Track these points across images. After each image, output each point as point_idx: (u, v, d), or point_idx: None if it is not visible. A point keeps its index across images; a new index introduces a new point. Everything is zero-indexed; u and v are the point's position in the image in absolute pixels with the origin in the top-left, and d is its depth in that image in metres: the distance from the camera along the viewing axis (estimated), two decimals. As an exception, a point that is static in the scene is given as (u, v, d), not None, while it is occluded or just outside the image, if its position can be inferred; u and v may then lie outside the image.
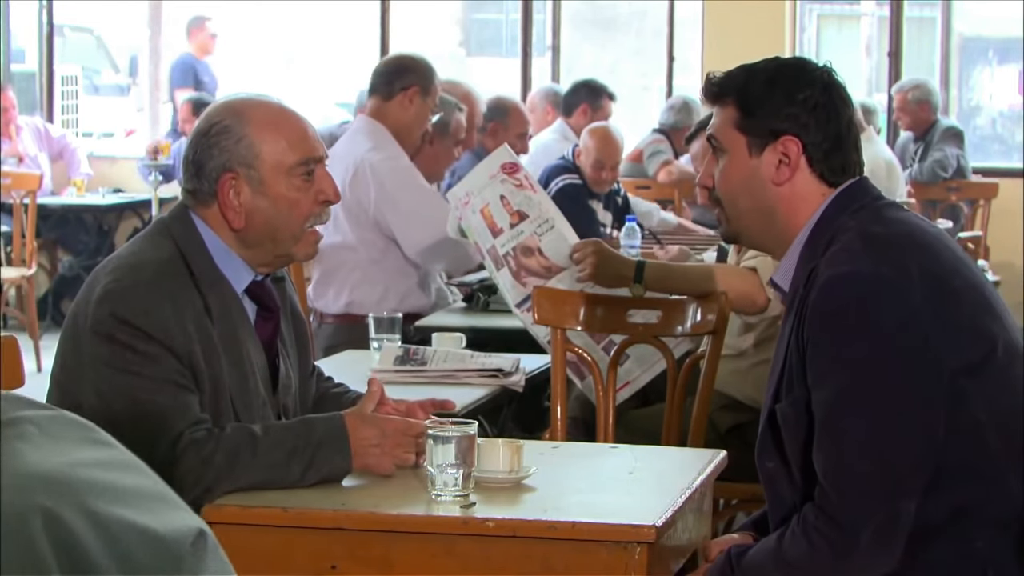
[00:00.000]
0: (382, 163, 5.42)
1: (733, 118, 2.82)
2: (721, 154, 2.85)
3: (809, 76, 2.81)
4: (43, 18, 11.58)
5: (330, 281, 5.52)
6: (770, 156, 2.79)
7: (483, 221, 4.59)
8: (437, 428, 2.82)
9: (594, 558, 2.67)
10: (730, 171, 2.83)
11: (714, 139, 2.86)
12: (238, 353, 2.98)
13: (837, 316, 2.63)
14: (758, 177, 2.80)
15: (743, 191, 2.82)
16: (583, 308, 4.26)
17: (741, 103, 2.81)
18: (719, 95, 2.86)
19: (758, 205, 2.81)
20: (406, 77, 5.59)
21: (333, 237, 5.41)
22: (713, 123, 2.86)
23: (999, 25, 14.44)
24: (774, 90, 2.80)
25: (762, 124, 2.79)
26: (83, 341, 2.91)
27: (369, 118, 5.61)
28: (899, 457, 2.59)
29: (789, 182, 2.78)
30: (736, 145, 2.82)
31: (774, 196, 2.79)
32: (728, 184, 2.84)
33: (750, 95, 2.81)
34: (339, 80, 15.24)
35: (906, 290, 2.61)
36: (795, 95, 2.78)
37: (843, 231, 2.71)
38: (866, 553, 2.60)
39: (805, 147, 2.77)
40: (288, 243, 3.03)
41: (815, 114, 2.77)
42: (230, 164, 2.99)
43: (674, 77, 11.77)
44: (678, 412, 4.19)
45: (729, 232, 2.90)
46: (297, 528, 2.76)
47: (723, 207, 2.86)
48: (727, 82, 2.86)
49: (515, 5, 12.64)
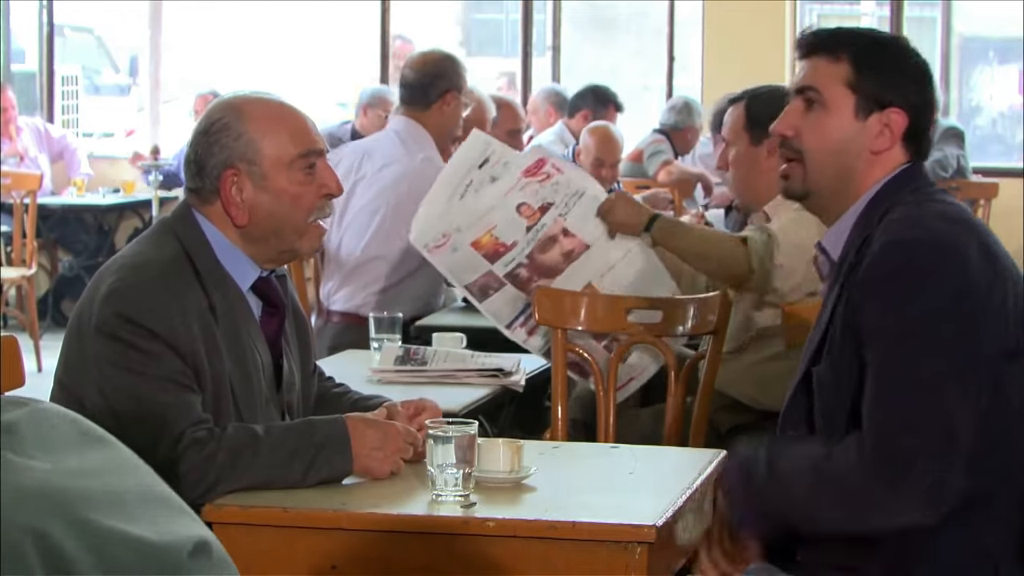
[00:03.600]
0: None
1: (845, 75, 2.77)
2: (819, 107, 2.79)
3: (918, 56, 2.81)
4: (43, 18, 11.57)
5: (347, 283, 5.52)
6: (875, 122, 2.77)
7: (474, 253, 4.50)
8: (437, 428, 2.82)
9: (594, 558, 2.67)
10: (828, 127, 2.78)
11: (814, 91, 2.79)
12: (242, 351, 2.98)
13: (897, 276, 2.62)
14: (857, 140, 2.77)
15: (837, 150, 2.78)
16: (583, 308, 4.26)
17: (858, 62, 2.77)
18: (830, 48, 2.78)
19: (846, 165, 2.78)
20: (440, 84, 5.54)
21: (358, 243, 5.43)
22: (814, 75, 2.79)
23: (999, 25, 14.43)
24: (897, 60, 2.78)
25: (875, 89, 2.76)
26: (87, 340, 2.92)
27: (410, 120, 5.57)
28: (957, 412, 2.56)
29: (884, 153, 2.77)
30: (842, 103, 2.77)
31: (864, 162, 2.77)
32: (822, 139, 2.78)
33: (871, 57, 2.77)
34: (339, 80, 15.23)
35: (964, 262, 2.62)
36: (909, 70, 2.78)
37: (902, 204, 2.71)
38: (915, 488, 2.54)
39: (908, 124, 2.77)
40: (292, 237, 3.03)
41: (922, 91, 2.78)
42: (231, 160, 3.00)
43: (674, 77, 11.77)
44: (678, 412, 4.19)
45: (802, 189, 2.83)
46: (297, 528, 2.77)
47: (804, 161, 2.80)
48: (845, 37, 2.80)
49: (515, 5, 12.63)
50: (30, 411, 1.50)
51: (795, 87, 2.84)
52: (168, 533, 1.47)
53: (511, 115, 7.52)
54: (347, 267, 5.53)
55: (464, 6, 19.62)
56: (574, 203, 4.50)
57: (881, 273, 2.63)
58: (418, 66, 5.63)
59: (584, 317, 4.26)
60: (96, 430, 1.54)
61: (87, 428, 1.54)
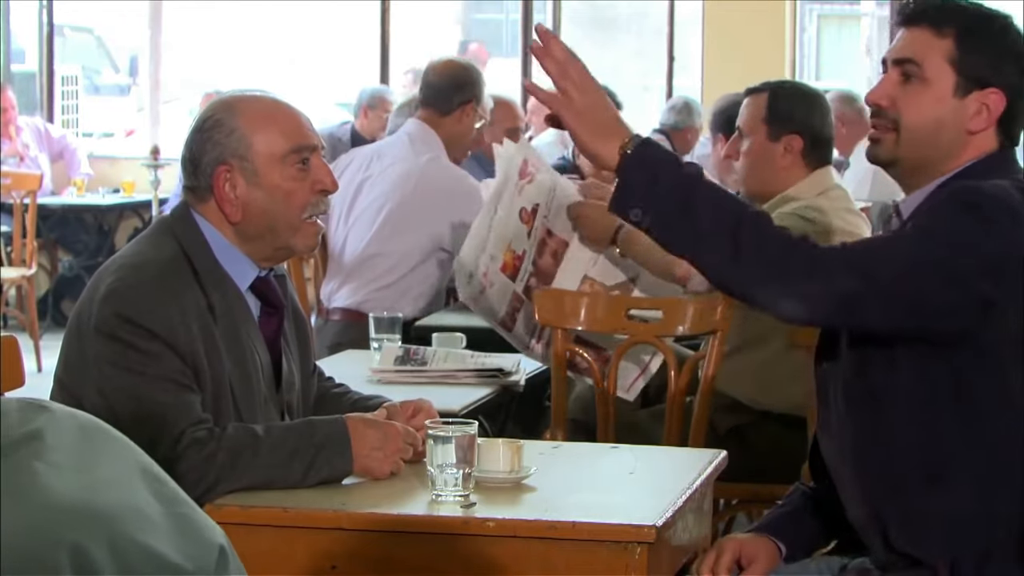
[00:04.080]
0: (462, 178, 5.45)
1: (949, 51, 2.74)
2: (917, 80, 2.76)
3: (1020, 34, 2.78)
4: (43, 18, 11.57)
5: (349, 280, 5.53)
6: (973, 102, 2.74)
7: (503, 277, 4.36)
8: (437, 428, 2.82)
9: (594, 558, 2.67)
10: (926, 102, 2.76)
11: (913, 63, 2.76)
12: (241, 351, 2.98)
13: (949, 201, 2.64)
14: (954, 118, 2.75)
15: (934, 126, 2.76)
16: (583, 308, 4.26)
17: (963, 38, 2.74)
18: (936, 21, 2.75)
19: (939, 142, 2.76)
20: (465, 92, 5.56)
21: (361, 240, 5.44)
22: (914, 47, 2.76)
23: (999, 25, 14.42)
24: (1001, 41, 2.76)
25: (978, 68, 2.74)
26: (87, 340, 2.92)
27: (424, 124, 5.58)
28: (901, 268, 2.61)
29: (980, 133, 2.75)
30: (943, 78, 2.75)
31: (959, 141, 2.75)
32: (919, 114, 2.75)
33: (977, 34, 2.74)
34: (339, 80, 15.23)
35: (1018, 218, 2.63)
36: (1014, 52, 2.75)
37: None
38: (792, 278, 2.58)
39: (1007, 106, 2.75)
40: (287, 234, 3.03)
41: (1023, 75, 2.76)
42: (224, 157, 3.00)
43: (674, 77, 11.77)
44: (678, 412, 4.19)
45: (891, 155, 2.80)
46: (297, 528, 2.77)
47: (899, 131, 2.77)
48: (952, 11, 2.76)
49: (515, 5, 12.64)
50: (53, 417, 1.49)
51: (893, 57, 2.80)
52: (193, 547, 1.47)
53: (509, 113, 7.52)
54: (350, 264, 5.54)
55: (464, 6, 19.62)
56: (552, 206, 4.41)
57: (949, 195, 2.65)
58: (444, 72, 5.63)
59: (584, 317, 4.26)
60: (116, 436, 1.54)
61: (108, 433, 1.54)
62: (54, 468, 1.42)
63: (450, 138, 5.56)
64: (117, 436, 1.53)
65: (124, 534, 1.41)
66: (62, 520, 1.38)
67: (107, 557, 1.39)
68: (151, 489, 1.49)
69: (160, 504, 1.48)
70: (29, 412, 1.47)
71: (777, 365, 4.34)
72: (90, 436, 1.50)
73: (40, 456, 1.43)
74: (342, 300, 5.55)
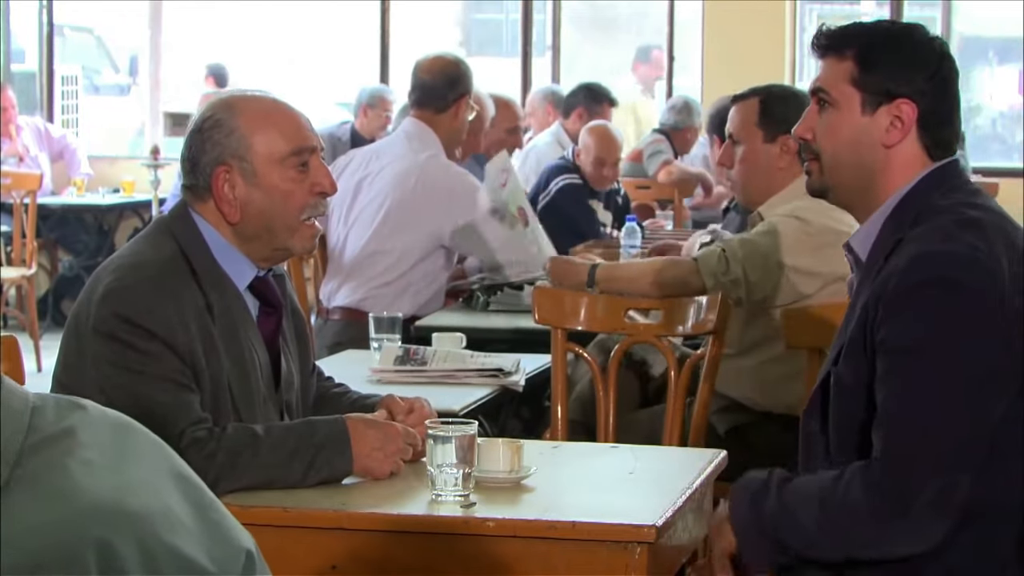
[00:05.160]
0: (462, 176, 5.48)
1: (851, 72, 2.78)
2: (829, 107, 2.81)
3: (930, 43, 2.79)
4: (43, 18, 11.57)
5: (349, 279, 5.53)
6: (883, 116, 2.77)
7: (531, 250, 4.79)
8: (437, 428, 2.82)
9: (594, 558, 2.67)
10: (838, 125, 2.80)
11: (823, 92, 2.81)
12: (240, 351, 2.98)
13: (926, 288, 2.62)
14: (867, 135, 2.77)
15: (849, 147, 2.79)
16: (583, 308, 4.26)
17: (861, 58, 2.77)
18: (837, 47, 2.80)
19: (860, 162, 2.78)
20: (458, 87, 5.58)
21: (361, 238, 5.44)
22: (823, 76, 2.81)
23: (999, 25, 14.43)
24: (897, 51, 2.78)
25: (880, 83, 2.76)
26: (85, 340, 2.92)
27: (420, 122, 5.60)
28: (963, 431, 2.58)
29: (897, 146, 2.77)
30: (849, 100, 2.78)
31: (880, 157, 2.77)
32: (834, 138, 2.80)
33: (873, 52, 2.78)
34: (339, 80, 15.22)
35: (997, 273, 2.62)
36: (917, 59, 2.77)
37: (935, 210, 2.71)
38: (919, 517, 2.57)
39: (919, 114, 2.76)
40: (284, 235, 3.03)
41: (933, 82, 2.76)
42: (223, 157, 3.00)
43: (674, 77, 11.76)
44: (678, 412, 4.19)
45: (820, 185, 2.85)
46: (297, 528, 2.76)
47: (821, 160, 2.82)
48: (848, 35, 2.81)
49: (515, 5, 12.63)
50: (87, 415, 1.51)
51: (810, 89, 2.87)
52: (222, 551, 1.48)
53: (510, 113, 7.53)
54: (350, 263, 5.54)
55: (464, 6, 19.61)
56: None
57: (907, 287, 2.63)
58: (435, 70, 5.63)
59: (584, 317, 4.26)
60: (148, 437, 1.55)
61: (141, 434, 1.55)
62: (86, 466, 1.43)
63: (448, 134, 5.57)
64: (150, 437, 1.54)
65: (153, 534, 1.42)
66: (90, 517, 1.39)
67: (135, 555, 1.40)
68: (181, 491, 1.50)
69: (190, 507, 1.49)
70: (64, 409, 1.49)
71: (777, 367, 4.33)
72: (123, 436, 1.52)
73: (72, 454, 1.44)
74: (342, 299, 5.55)
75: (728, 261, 4.27)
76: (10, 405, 1.45)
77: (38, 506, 1.39)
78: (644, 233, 6.98)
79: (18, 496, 1.39)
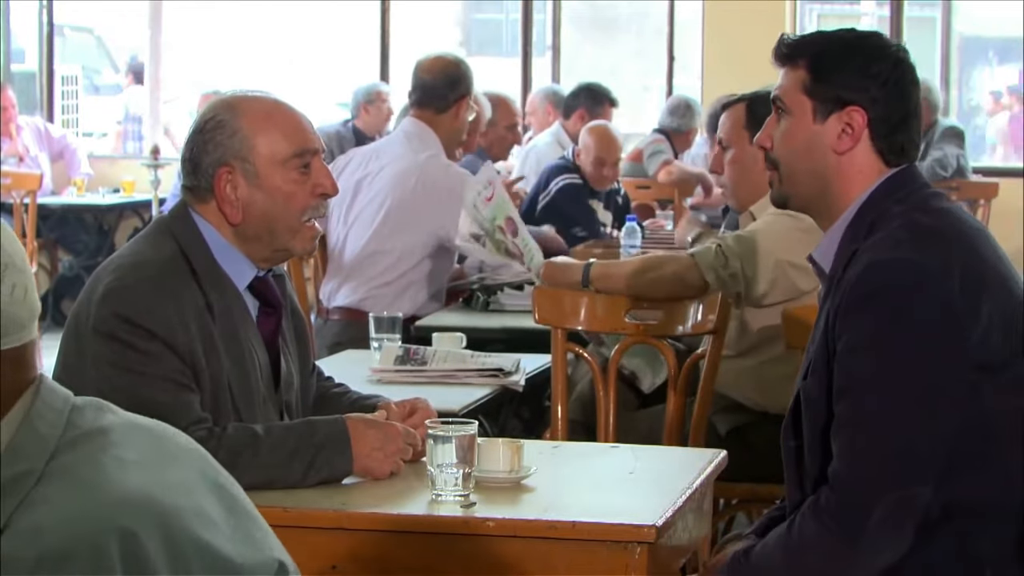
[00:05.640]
0: (462, 176, 5.49)
1: (802, 81, 2.81)
2: (784, 116, 2.84)
3: (884, 50, 2.80)
4: (43, 18, 11.57)
5: (349, 279, 5.53)
6: (834, 123, 2.78)
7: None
8: (437, 428, 2.82)
9: (594, 558, 2.67)
10: (792, 133, 2.82)
11: (779, 100, 2.84)
12: (240, 351, 2.98)
13: (875, 300, 2.63)
14: (819, 143, 2.79)
15: (802, 155, 2.81)
16: (583, 308, 4.26)
17: (813, 67, 2.80)
18: (791, 56, 2.83)
19: (814, 170, 2.81)
20: (459, 88, 5.59)
21: (362, 238, 5.45)
22: (780, 84, 2.84)
23: (999, 25, 14.44)
24: (849, 59, 2.79)
25: (831, 90, 2.78)
26: (85, 340, 2.91)
27: (419, 122, 5.60)
28: (917, 442, 2.59)
29: (849, 153, 2.78)
30: (801, 108, 2.81)
31: (832, 164, 2.79)
32: (788, 146, 2.83)
33: (824, 60, 2.80)
34: (339, 80, 15.23)
35: (946, 282, 2.62)
36: (869, 67, 2.78)
37: (889, 217, 2.72)
38: (876, 535, 2.59)
39: (870, 121, 2.77)
40: (285, 236, 3.03)
41: (885, 89, 2.77)
42: (225, 158, 3.00)
43: (674, 77, 11.76)
44: (678, 412, 4.19)
45: (780, 194, 2.88)
46: (297, 528, 2.76)
47: (779, 169, 2.85)
48: (801, 45, 2.83)
49: (515, 5, 12.63)
50: (119, 418, 1.56)
51: (771, 100, 2.90)
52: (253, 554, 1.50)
53: (508, 110, 7.54)
54: (350, 263, 5.54)
55: (464, 6, 19.62)
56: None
57: (861, 294, 2.65)
58: (436, 70, 5.63)
59: (584, 317, 4.26)
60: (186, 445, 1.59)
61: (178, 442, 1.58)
62: (118, 462, 1.48)
63: (448, 134, 5.58)
64: (190, 447, 1.59)
65: (182, 529, 1.46)
66: (116, 508, 1.43)
67: (160, 548, 1.43)
68: (215, 495, 1.54)
69: (224, 510, 1.52)
70: (104, 411, 1.55)
71: (777, 367, 4.33)
72: (158, 439, 1.57)
73: (107, 450, 1.49)
74: (342, 299, 5.55)
75: (726, 256, 4.28)
76: (49, 402, 1.53)
77: (69, 496, 1.44)
78: (644, 233, 6.99)
79: (52, 487, 1.45)
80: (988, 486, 2.64)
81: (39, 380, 1.57)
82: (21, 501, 1.45)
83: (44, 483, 1.46)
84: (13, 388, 1.53)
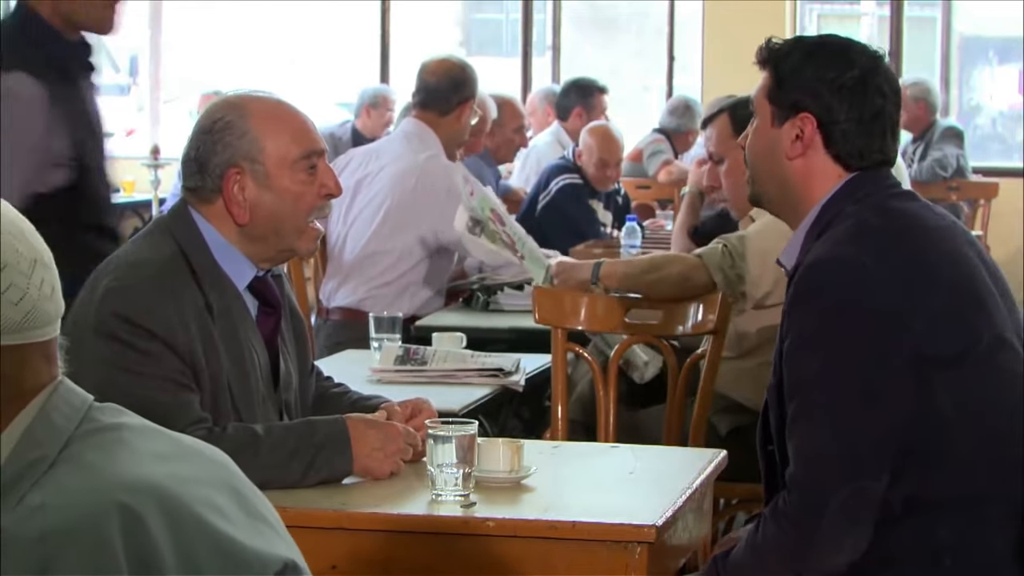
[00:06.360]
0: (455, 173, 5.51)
1: (767, 85, 2.86)
2: (754, 119, 2.90)
3: (848, 57, 2.82)
4: (43, 18, 11.54)
5: (349, 279, 5.53)
6: (788, 129, 2.83)
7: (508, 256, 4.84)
8: (437, 428, 2.82)
9: (594, 558, 2.67)
10: (756, 136, 2.89)
11: (751, 104, 2.91)
12: (239, 351, 2.98)
13: (812, 298, 2.67)
14: (776, 147, 2.84)
15: (762, 158, 2.87)
16: (583, 308, 4.26)
17: (775, 73, 2.85)
18: (763, 61, 2.89)
19: (772, 173, 2.86)
20: (462, 91, 5.60)
21: (361, 238, 5.45)
22: (755, 90, 2.91)
23: (999, 25, 14.43)
24: (807, 65, 2.82)
25: (787, 97, 2.83)
26: (85, 340, 2.91)
27: (421, 123, 5.60)
28: (864, 437, 2.62)
29: (802, 158, 2.82)
30: (763, 113, 2.87)
31: (788, 169, 2.83)
32: (753, 149, 2.89)
33: (785, 66, 2.84)
34: (339, 80, 15.23)
35: (884, 278, 2.64)
36: (826, 74, 2.80)
37: (843, 218, 2.75)
38: (832, 533, 2.62)
39: (821, 126, 2.80)
40: (291, 237, 3.03)
41: (839, 95, 2.79)
42: (234, 159, 2.99)
43: (674, 77, 11.77)
44: (678, 412, 4.19)
45: (753, 193, 2.94)
46: (297, 528, 2.74)
47: (751, 169, 2.91)
48: (770, 50, 2.88)
49: (515, 5, 12.64)
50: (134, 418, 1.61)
51: None
52: (260, 545, 1.53)
53: (515, 112, 7.55)
54: (350, 263, 5.55)
55: (464, 6, 19.62)
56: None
57: (800, 291, 2.70)
58: (440, 72, 5.64)
59: (584, 317, 4.26)
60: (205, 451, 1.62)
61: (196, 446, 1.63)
62: (131, 451, 1.53)
63: (448, 136, 5.58)
64: (207, 452, 1.62)
65: (189, 514, 1.49)
66: (117, 486, 1.48)
67: (162, 528, 1.46)
68: (233, 496, 1.57)
69: (238, 507, 1.56)
70: (118, 412, 1.60)
71: (777, 367, 4.34)
72: (178, 442, 1.61)
73: (121, 442, 1.54)
74: (342, 299, 5.55)
75: (732, 255, 4.28)
76: (67, 399, 1.60)
77: (76, 478, 1.49)
78: (644, 233, 6.99)
79: (61, 472, 1.50)
80: (946, 479, 2.66)
81: (60, 379, 1.63)
82: (33, 484, 1.49)
83: (56, 468, 1.51)
84: (35, 382, 1.59)
